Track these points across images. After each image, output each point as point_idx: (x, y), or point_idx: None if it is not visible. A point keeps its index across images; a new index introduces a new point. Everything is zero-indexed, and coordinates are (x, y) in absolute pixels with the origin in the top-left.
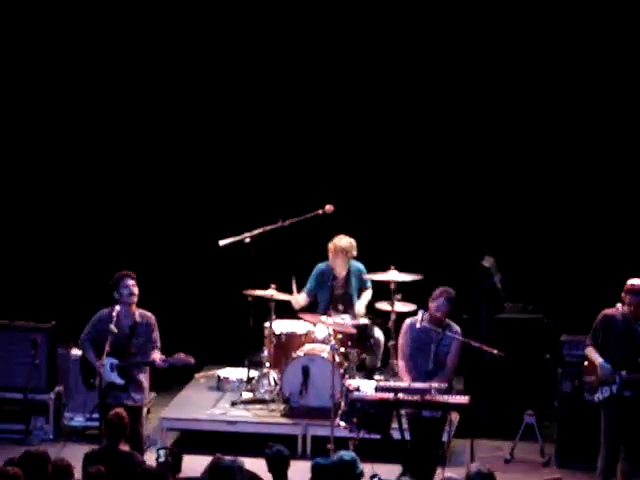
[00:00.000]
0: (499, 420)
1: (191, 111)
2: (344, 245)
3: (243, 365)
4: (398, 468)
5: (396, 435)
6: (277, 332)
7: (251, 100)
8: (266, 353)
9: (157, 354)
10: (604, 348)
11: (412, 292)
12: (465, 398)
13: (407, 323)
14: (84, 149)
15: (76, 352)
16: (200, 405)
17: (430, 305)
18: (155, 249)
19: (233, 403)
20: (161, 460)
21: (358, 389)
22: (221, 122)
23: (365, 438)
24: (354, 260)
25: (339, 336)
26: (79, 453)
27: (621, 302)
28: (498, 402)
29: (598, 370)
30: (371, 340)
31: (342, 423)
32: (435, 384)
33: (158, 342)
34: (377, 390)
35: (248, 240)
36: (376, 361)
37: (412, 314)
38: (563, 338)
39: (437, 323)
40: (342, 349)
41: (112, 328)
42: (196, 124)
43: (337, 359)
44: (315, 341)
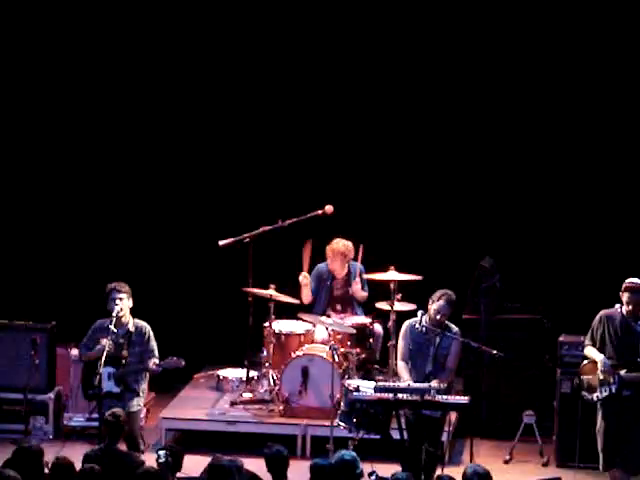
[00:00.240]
0: (498, 420)
1: (191, 111)
2: (341, 249)
3: (242, 365)
4: (397, 468)
5: (395, 435)
6: (276, 332)
7: (251, 100)
8: (265, 353)
9: (153, 362)
10: (602, 348)
11: (412, 292)
12: (464, 398)
13: (406, 324)
14: (84, 149)
15: (76, 352)
16: (200, 405)
17: (430, 307)
18: (155, 249)
19: (232, 403)
20: (161, 461)
21: (357, 389)
22: (221, 122)
23: (364, 438)
24: (353, 261)
25: (338, 336)
26: (79, 453)
27: (619, 302)
28: (497, 402)
29: (599, 366)
30: (370, 340)
31: (341, 423)
32: (435, 384)
33: (155, 351)
34: (376, 390)
35: (248, 240)
36: (375, 355)
37: (412, 314)
38: (562, 339)
39: (438, 325)
40: (341, 349)
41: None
42: (196, 124)
43: (336, 359)
44: (314, 341)
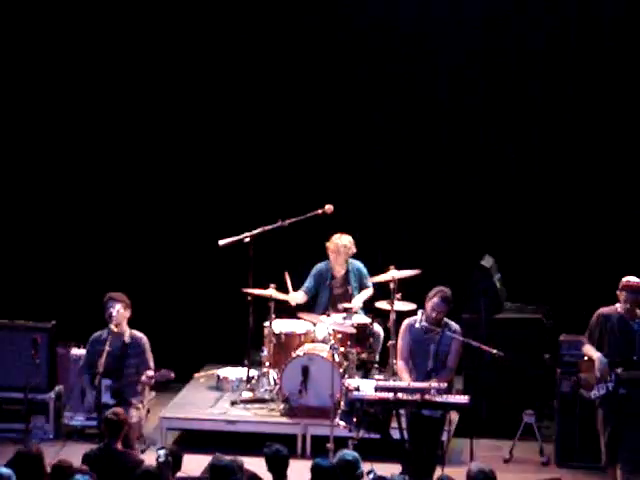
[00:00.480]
0: (498, 420)
1: (191, 111)
2: (345, 242)
3: (243, 365)
4: (397, 467)
5: (396, 435)
6: (277, 332)
7: (251, 100)
8: (266, 352)
9: (145, 375)
10: (600, 346)
11: (412, 291)
12: (465, 397)
13: (406, 323)
14: (84, 149)
15: (76, 352)
16: (200, 405)
17: (426, 305)
18: (155, 249)
19: (233, 403)
20: (161, 460)
21: (358, 389)
22: (221, 122)
23: (365, 438)
24: (353, 259)
25: (338, 336)
26: (79, 452)
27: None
28: (497, 402)
29: (596, 364)
30: (370, 339)
31: (342, 422)
32: (435, 383)
33: (151, 363)
34: (377, 390)
35: (248, 240)
36: (375, 355)
37: (412, 313)
38: (562, 338)
39: (436, 323)
40: (342, 349)
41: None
42: (196, 124)
43: (337, 359)
44: (315, 341)
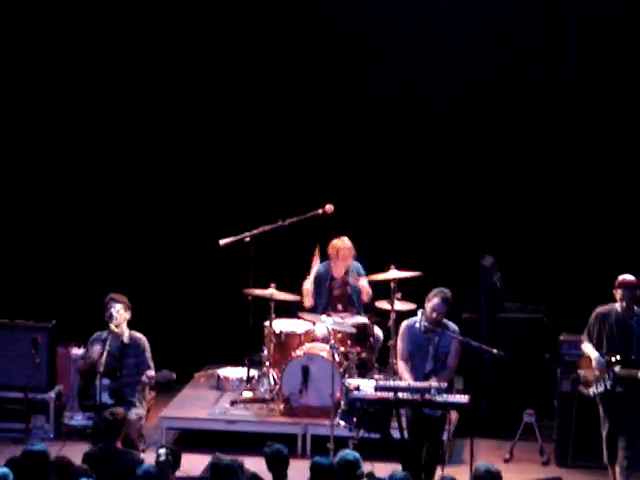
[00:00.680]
0: (499, 419)
1: (192, 112)
2: (349, 245)
3: (243, 364)
4: (398, 467)
5: (396, 434)
6: (277, 331)
7: (251, 100)
8: (266, 352)
9: (146, 375)
10: (598, 344)
11: (412, 291)
12: (465, 397)
13: (405, 324)
14: (85, 149)
15: (76, 351)
16: (200, 404)
17: (426, 306)
18: (155, 248)
19: (233, 402)
20: (161, 459)
21: (358, 388)
22: (221, 122)
23: (365, 437)
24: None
25: (339, 335)
26: (79, 452)
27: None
28: (498, 401)
29: (593, 364)
30: (370, 339)
31: (342, 422)
32: (435, 383)
33: (150, 363)
34: (377, 389)
35: (248, 239)
36: (373, 358)
37: (412, 313)
38: (562, 338)
39: (435, 323)
40: (342, 348)
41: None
42: (196, 124)
43: (337, 358)
44: (315, 340)
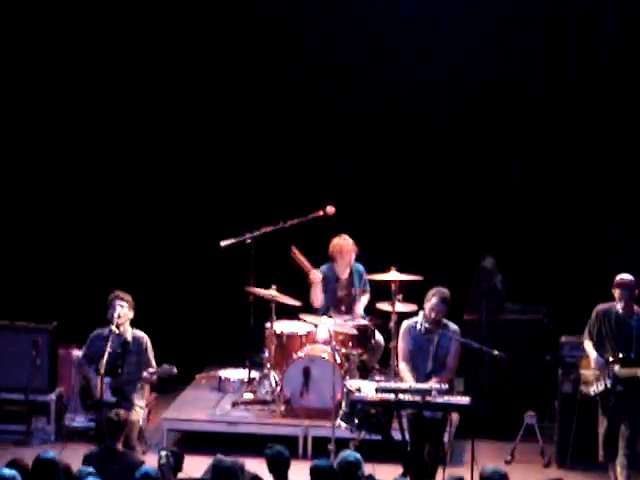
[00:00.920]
0: (500, 421)
1: (192, 112)
2: (351, 243)
3: (244, 366)
4: (399, 469)
5: (397, 436)
6: (278, 333)
7: (251, 101)
8: (267, 354)
9: (147, 372)
10: (599, 343)
11: (413, 293)
12: (466, 399)
13: (405, 325)
14: (85, 150)
15: (77, 353)
16: (201, 406)
17: (425, 306)
18: (157, 249)
19: (234, 404)
20: (163, 461)
21: (359, 390)
22: (222, 123)
23: (366, 439)
24: (355, 262)
25: (340, 337)
26: (80, 454)
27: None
28: (499, 403)
29: (592, 364)
30: (372, 341)
31: (343, 424)
32: (436, 385)
33: (152, 361)
34: (378, 391)
35: (249, 241)
36: (374, 360)
37: (413, 315)
38: (563, 339)
39: (435, 323)
40: (343, 350)
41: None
42: (197, 125)
43: (338, 360)
44: (316, 342)
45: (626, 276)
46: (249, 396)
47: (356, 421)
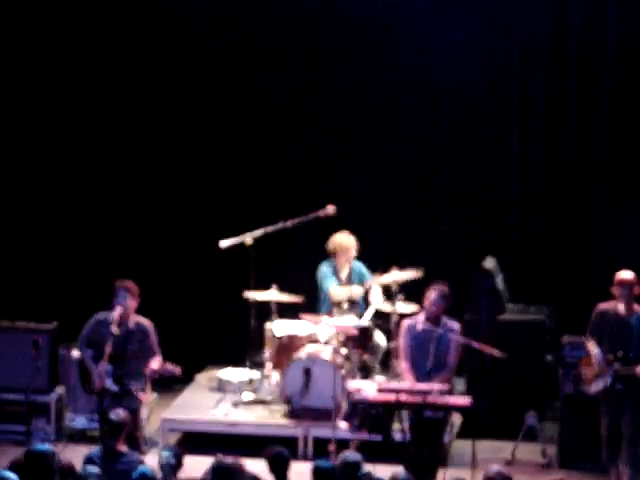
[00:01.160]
0: (500, 421)
1: (193, 112)
2: (351, 240)
3: (244, 366)
4: (399, 469)
5: (397, 436)
6: (278, 333)
7: (252, 101)
8: (267, 354)
9: (156, 361)
10: (599, 341)
11: (414, 293)
12: (467, 399)
13: (406, 324)
14: (86, 150)
15: (77, 353)
16: (201, 406)
17: (424, 301)
18: (157, 250)
19: (234, 404)
20: (163, 462)
21: (360, 390)
22: (222, 123)
23: (367, 439)
24: (355, 260)
25: (341, 337)
26: (80, 454)
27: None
28: (500, 403)
29: (593, 360)
30: (373, 341)
31: (343, 424)
32: (437, 385)
33: (155, 348)
34: (379, 391)
35: (249, 241)
36: (375, 363)
37: (414, 315)
38: (564, 339)
39: (435, 321)
40: (344, 350)
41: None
42: (197, 125)
43: (339, 360)
44: (317, 342)
45: (625, 274)
46: (250, 396)
47: (357, 421)
